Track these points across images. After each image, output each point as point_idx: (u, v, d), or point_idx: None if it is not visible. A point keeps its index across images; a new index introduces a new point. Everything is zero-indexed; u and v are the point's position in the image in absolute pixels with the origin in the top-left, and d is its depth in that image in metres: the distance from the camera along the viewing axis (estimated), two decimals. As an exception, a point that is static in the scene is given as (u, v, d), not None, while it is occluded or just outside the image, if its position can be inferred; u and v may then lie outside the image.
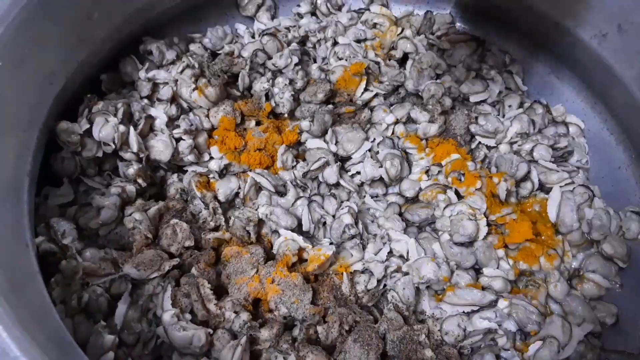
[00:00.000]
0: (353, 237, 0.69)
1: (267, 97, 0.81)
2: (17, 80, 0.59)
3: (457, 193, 0.73)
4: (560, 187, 0.75)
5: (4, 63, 0.57)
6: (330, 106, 0.81)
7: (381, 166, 0.75)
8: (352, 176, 0.77)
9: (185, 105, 0.78)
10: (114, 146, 0.68)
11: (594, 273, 0.71)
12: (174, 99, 0.77)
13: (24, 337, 0.40)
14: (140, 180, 0.70)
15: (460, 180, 0.73)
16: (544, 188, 0.78)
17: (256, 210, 0.72)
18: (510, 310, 0.65)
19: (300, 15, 0.92)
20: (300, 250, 0.68)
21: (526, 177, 0.76)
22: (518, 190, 0.77)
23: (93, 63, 0.74)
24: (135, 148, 0.69)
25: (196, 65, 0.78)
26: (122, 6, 0.74)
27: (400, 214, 0.74)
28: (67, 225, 0.63)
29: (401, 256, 0.70)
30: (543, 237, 0.73)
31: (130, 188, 0.69)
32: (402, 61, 0.88)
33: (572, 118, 0.84)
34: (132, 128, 0.69)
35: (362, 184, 0.77)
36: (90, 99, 0.70)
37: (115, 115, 0.69)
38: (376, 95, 0.83)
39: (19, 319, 0.42)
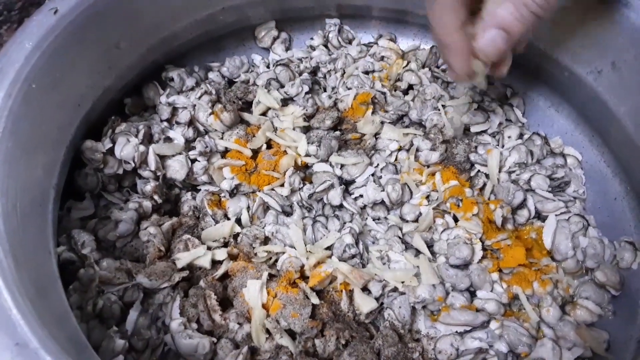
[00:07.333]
0: (353, 256, 0.72)
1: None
2: (49, 102, 0.65)
3: (454, 218, 0.76)
4: (556, 215, 0.78)
5: (38, 86, 0.63)
6: (337, 132, 0.85)
7: (383, 190, 0.78)
8: (355, 199, 0.80)
9: (201, 128, 0.83)
10: (133, 164, 0.73)
11: (587, 300, 0.73)
12: (192, 122, 0.83)
13: (44, 334, 0.44)
14: (156, 197, 0.75)
15: (458, 205, 0.76)
16: (540, 216, 0.80)
17: (263, 228, 0.76)
18: (502, 332, 0.67)
19: (313, 48, 0.97)
20: (302, 268, 0.71)
21: (523, 205, 0.78)
22: (515, 218, 0.79)
23: (118, 88, 0.80)
24: (153, 167, 0.74)
25: (213, 92, 0.84)
26: (148, 37, 0.80)
27: (400, 237, 0.77)
28: (87, 236, 0.68)
29: (399, 276, 0.73)
30: (537, 263, 0.75)
31: (147, 204, 0.74)
32: (407, 92, 0.92)
33: (570, 150, 0.87)
34: (151, 148, 0.75)
35: (364, 207, 0.80)
36: (114, 120, 0.76)
37: (136, 136, 0.74)
38: (382, 123, 0.87)
39: (41, 318, 0.46)
